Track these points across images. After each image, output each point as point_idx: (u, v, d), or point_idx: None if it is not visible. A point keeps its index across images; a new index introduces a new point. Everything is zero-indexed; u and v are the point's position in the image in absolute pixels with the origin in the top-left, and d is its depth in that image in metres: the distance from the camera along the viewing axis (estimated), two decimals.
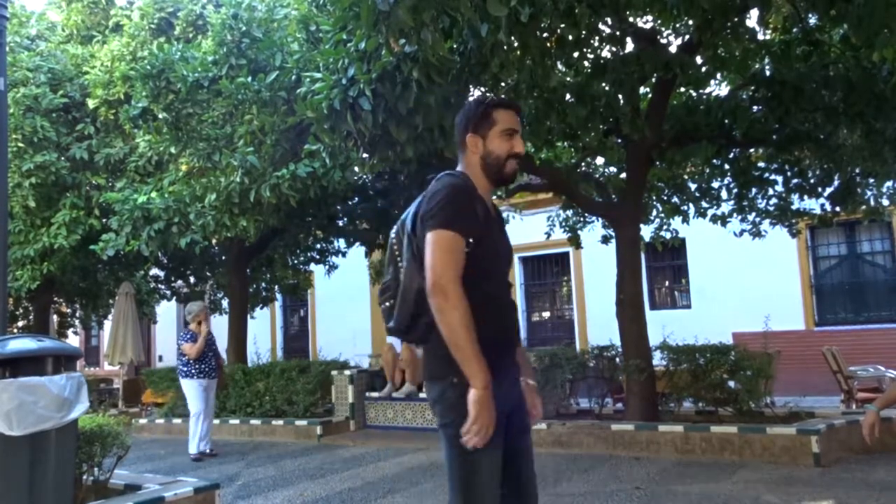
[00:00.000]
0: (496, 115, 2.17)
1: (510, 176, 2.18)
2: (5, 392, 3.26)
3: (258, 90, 6.96)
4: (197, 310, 7.60)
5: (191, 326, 7.54)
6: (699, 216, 9.02)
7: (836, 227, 10.73)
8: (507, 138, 2.16)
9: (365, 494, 5.21)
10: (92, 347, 20.92)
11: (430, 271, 1.96)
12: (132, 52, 9.35)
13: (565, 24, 4.66)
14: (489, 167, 2.16)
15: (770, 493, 4.61)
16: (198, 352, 7.32)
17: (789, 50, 6.34)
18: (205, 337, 7.40)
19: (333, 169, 7.23)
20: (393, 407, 8.38)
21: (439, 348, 2.00)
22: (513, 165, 2.17)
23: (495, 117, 2.16)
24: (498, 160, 2.15)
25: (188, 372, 7.38)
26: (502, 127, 2.16)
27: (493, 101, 2.22)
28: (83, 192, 9.97)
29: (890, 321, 11.65)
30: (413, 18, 3.75)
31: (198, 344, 7.33)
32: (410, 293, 2.07)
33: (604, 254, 9.18)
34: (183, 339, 7.47)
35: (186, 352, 7.35)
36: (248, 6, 7.42)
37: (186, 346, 7.37)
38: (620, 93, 6.13)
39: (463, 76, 5.36)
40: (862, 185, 7.92)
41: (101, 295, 13.68)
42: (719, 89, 7.59)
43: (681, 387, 6.65)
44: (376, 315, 16.47)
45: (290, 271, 13.07)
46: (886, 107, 5.87)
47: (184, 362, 7.40)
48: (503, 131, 2.16)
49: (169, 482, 4.28)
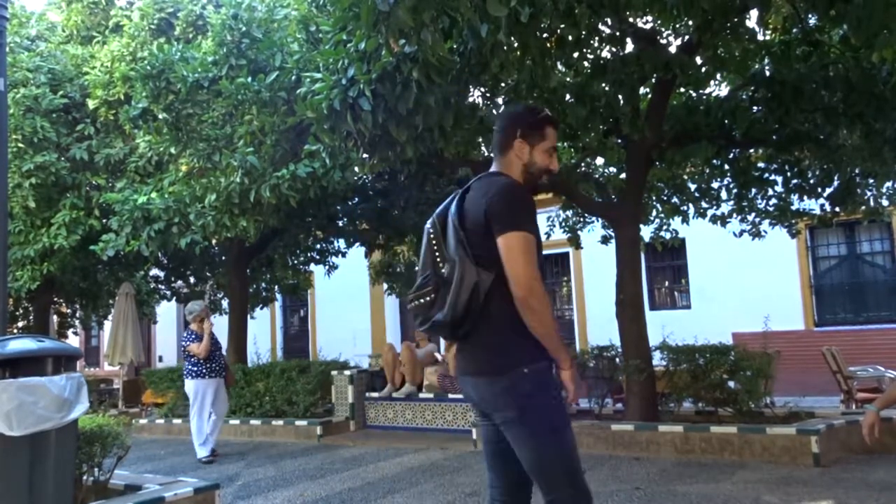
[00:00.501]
0: (547, 131, 2.33)
1: (538, 189, 2.36)
2: (5, 392, 3.26)
3: (258, 90, 6.96)
4: (198, 309, 7.53)
5: (192, 326, 7.47)
6: (699, 216, 9.02)
7: (836, 227, 10.74)
8: (549, 155, 2.33)
9: (365, 494, 5.21)
10: (92, 348, 20.92)
11: (518, 273, 2.09)
12: (132, 52, 9.35)
13: (565, 24, 4.66)
14: (530, 175, 2.32)
15: (770, 493, 4.62)
16: (206, 350, 7.25)
17: (789, 50, 6.34)
18: (209, 334, 7.34)
19: (333, 169, 7.23)
20: (393, 407, 8.38)
21: (501, 343, 2.15)
22: (544, 179, 2.34)
23: (546, 132, 2.33)
24: (539, 172, 2.32)
25: (198, 372, 7.30)
26: (550, 143, 2.33)
27: (547, 117, 2.38)
28: (83, 193, 9.97)
29: (889, 321, 11.65)
30: (413, 19, 3.75)
31: (204, 342, 7.27)
32: (467, 287, 2.13)
33: (603, 254, 9.18)
34: (187, 340, 7.39)
35: (195, 352, 7.27)
36: (248, 6, 7.42)
37: (193, 346, 7.29)
38: (620, 93, 6.13)
39: (463, 76, 5.36)
40: (862, 185, 7.92)
41: (101, 295, 13.68)
42: (719, 90, 7.59)
43: (680, 387, 6.65)
44: (376, 315, 16.48)
45: (290, 271, 13.07)
46: (886, 107, 5.87)
47: (193, 362, 7.33)
48: (549, 148, 2.33)
49: (169, 482, 4.28)
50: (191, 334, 7.43)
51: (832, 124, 6.26)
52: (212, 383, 7.35)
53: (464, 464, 6.23)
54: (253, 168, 7.22)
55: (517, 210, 2.15)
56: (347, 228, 10.89)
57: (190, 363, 7.37)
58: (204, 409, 7.31)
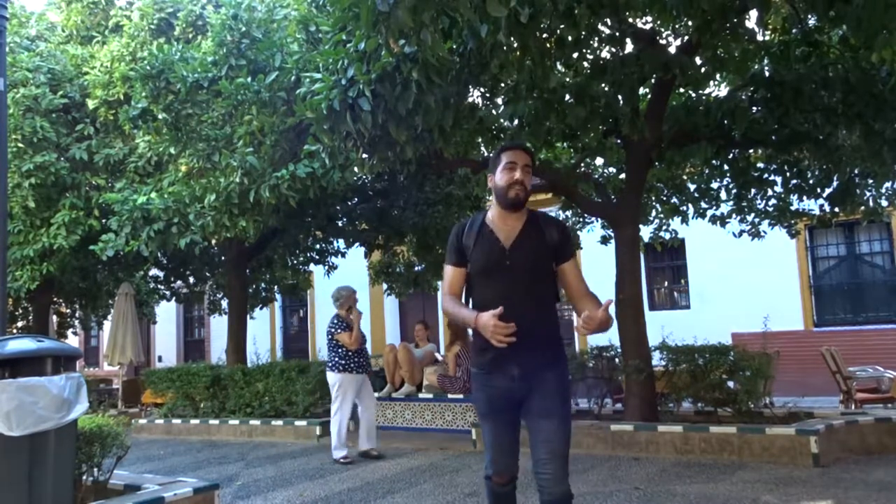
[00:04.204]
0: (503, 155, 2.75)
1: (514, 201, 2.70)
2: (5, 392, 3.26)
3: (258, 91, 6.96)
4: (346, 295, 6.90)
5: (339, 313, 6.87)
6: (698, 217, 9.03)
7: (835, 227, 10.74)
8: (508, 171, 2.70)
9: (364, 495, 5.21)
10: (91, 348, 20.94)
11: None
12: (132, 52, 9.35)
13: (565, 24, 4.66)
14: (499, 199, 2.74)
15: (769, 493, 4.62)
16: (356, 340, 6.69)
17: (788, 51, 6.34)
18: (358, 323, 6.80)
19: (333, 169, 7.23)
20: (393, 407, 8.38)
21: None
22: (515, 191, 2.68)
23: (501, 156, 2.75)
24: (503, 192, 2.70)
25: (345, 365, 6.69)
26: (505, 160, 2.72)
27: (503, 146, 2.83)
28: (83, 193, 9.97)
29: (889, 322, 11.66)
30: (413, 19, 3.75)
31: (354, 331, 6.69)
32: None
33: (603, 254, 9.19)
34: (335, 328, 6.78)
35: (345, 341, 6.67)
36: (247, 7, 7.42)
37: (344, 335, 6.69)
38: (620, 93, 6.13)
39: (462, 77, 5.36)
40: (861, 185, 7.92)
41: (101, 295, 13.69)
42: (718, 90, 7.60)
43: (680, 387, 6.65)
44: (376, 315, 16.48)
45: (289, 272, 13.07)
46: (885, 107, 5.88)
47: (340, 354, 6.72)
48: (505, 165, 2.71)
49: (168, 482, 4.28)
50: (340, 322, 6.83)
51: (831, 124, 6.26)
52: (357, 379, 6.77)
53: (463, 464, 6.23)
54: (252, 168, 7.22)
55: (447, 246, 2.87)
56: (347, 228, 10.89)
57: (337, 354, 6.74)
58: (346, 407, 6.75)
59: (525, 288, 2.68)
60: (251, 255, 11.12)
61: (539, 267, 2.72)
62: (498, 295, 2.62)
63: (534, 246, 2.72)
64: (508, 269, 2.68)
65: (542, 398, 2.65)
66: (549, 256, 2.74)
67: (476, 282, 2.76)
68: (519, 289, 2.67)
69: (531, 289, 2.70)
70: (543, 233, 2.74)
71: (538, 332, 2.68)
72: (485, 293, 2.71)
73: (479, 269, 2.73)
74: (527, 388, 2.66)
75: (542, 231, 2.74)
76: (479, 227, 2.77)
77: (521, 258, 2.69)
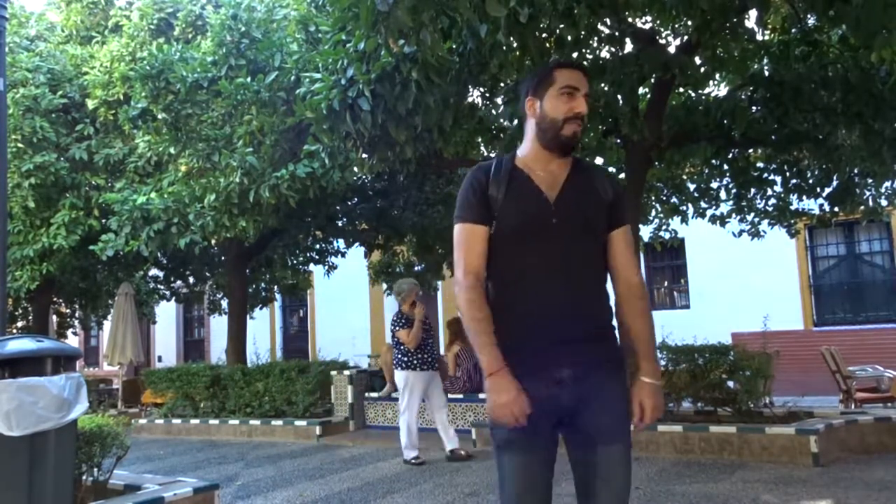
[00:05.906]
0: (556, 74, 1.97)
1: (569, 140, 1.97)
2: (5, 393, 3.26)
3: (257, 91, 6.97)
4: (407, 289, 6.55)
5: (402, 308, 6.55)
6: (698, 216, 9.03)
7: (835, 227, 10.75)
8: (566, 97, 1.96)
9: (364, 495, 5.21)
10: (91, 348, 20.94)
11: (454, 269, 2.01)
12: (131, 52, 9.36)
13: (564, 24, 4.66)
14: (543, 133, 1.98)
15: (769, 492, 4.62)
16: (415, 338, 6.31)
17: (788, 50, 6.35)
18: (420, 321, 6.38)
19: (332, 169, 7.23)
20: (392, 407, 8.37)
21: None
22: (573, 127, 1.96)
23: (555, 75, 1.97)
24: (553, 124, 1.96)
25: (408, 363, 6.39)
26: (561, 84, 1.96)
27: (556, 61, 2.08)
28: (82, 193, 9.97)
29: (888, 321, 11.67)
30: (412, 19, 3.76)
31: (414, 329, 6.33)
32: None
33: None
34: (396, 325, 6.47)
35: (403, 339, 6.35)
36: (247, 7, 7.43)
37: (402, 333, 6.37)
38: (619, 93, 6.14)
39: (462, 77, 5.37)
40: (860, 185, 7.94)
41: (101, 295, 13.69)
42: (718, 90, 7.60)
43: (680, 387, 6.65)
44: (376, 315, 16.48)
45: (289, 271, 13.08)
46: (885, 107, 5.88)
47: (403, 351, 6.42)
48: (562, 89, 1.95)
49: (168, 482, 4.28)
50: (400, 318, 6.49)
51: (831, 124, 6.26)
52: (422, 377, 6.41)
53: (463, 464, 6.23)
54: (252, 168, 7.22)
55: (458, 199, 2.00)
56: (347, 228, 10.90)
57: (399, 351, 6.46)
58: (413, 405, 6.44)
59: (578, 256, 1.94)
60: (251, 255, 11.12)
61: (593, 228, 1.97)
62: (540, 266, 1.91)
63: (587, 200, 1.97)
64: (554, 228, 1.92)
65: (599, 414, 1.87)
66: (604, 216, 1.98)
67: (503, 250, 1.94)
68: (571, 257, 1.92)
69: (586, 258, 1.96)
70: (595, 185, 2.01)
71: (595, 317, 1.96)
72: (520, 264, 1.92)
73: (511, 229, 1.93)
74: (576, 398, 1.86)
75: (594, 182, 2.01)
76: (510, 171, 1.98)
77: (572, 215, 1.94)
